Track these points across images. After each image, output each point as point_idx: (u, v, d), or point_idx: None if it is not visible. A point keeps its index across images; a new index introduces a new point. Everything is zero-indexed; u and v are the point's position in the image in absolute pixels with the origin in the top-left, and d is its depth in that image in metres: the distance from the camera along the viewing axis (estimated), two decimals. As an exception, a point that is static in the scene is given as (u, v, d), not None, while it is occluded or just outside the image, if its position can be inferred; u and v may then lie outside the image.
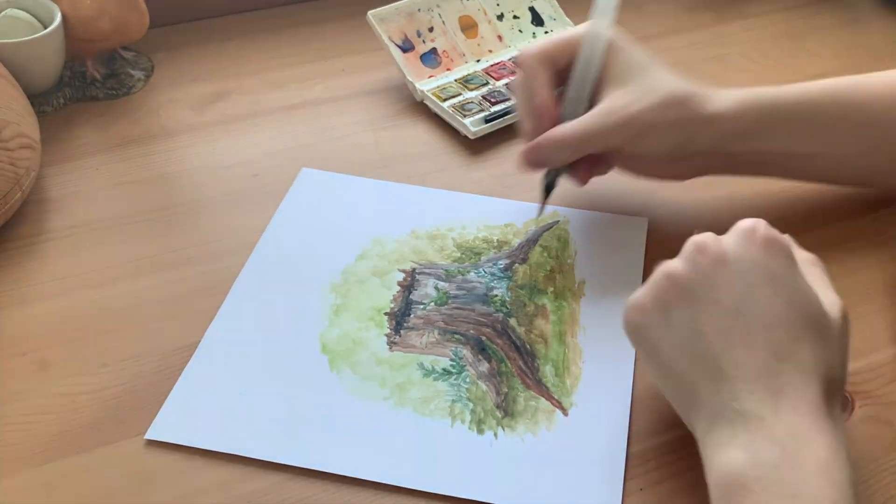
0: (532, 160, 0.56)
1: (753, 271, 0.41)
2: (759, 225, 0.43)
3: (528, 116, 0.57)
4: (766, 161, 0.57)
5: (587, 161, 0.57)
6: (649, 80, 0.55)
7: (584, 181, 0.58)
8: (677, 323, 0.42)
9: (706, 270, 0.42)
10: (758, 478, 0.37)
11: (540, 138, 0.55)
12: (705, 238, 0.43)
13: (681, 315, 0.42)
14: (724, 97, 0.56)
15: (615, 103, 0.55)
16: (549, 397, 0.50)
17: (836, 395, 0.41)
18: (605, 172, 0.59)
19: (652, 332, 0.44)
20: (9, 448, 0.47)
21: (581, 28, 0.57)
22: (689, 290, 0.42)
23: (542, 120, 0.56)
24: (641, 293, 0.45)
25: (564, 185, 0.66)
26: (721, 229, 0.63)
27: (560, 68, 0.57)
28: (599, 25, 0.55)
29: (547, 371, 0.51)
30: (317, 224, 0.61)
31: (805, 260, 0.46)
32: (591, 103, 0.56)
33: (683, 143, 0.56)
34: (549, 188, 0.59)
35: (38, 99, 0.70)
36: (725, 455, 0.39)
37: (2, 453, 0.47)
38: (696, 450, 0.48)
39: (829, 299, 0.44)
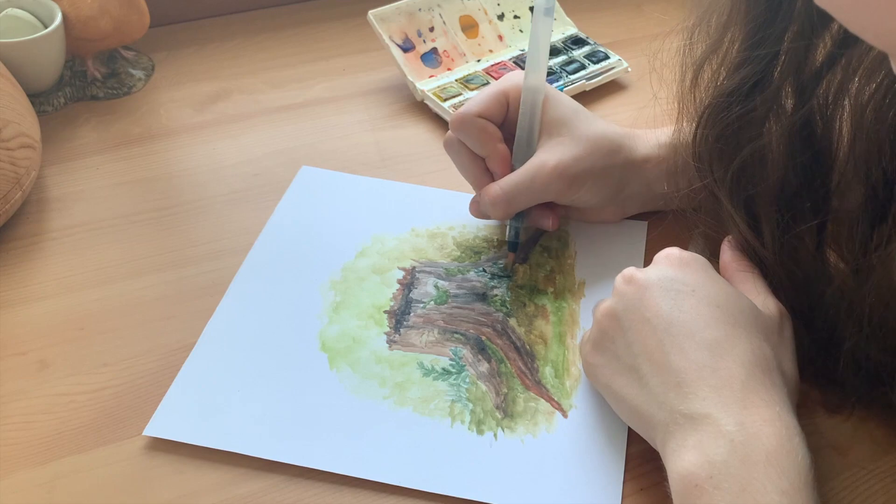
0: (476, 213, 0.58)
1: (675, 287, 0.44)
2: (674, 250, 0.46)
3: (475, 173, 0.57)
4: (696, 195, 0.55)
5: (541, 208, 0.58)
6: (580, 130, 0.56)
7: (550, 226, 0.58)
8: (620, 353, 0.45)
9: (634, 298, 0.44)
10: (709, 475, 0.38)
11: (483, 192, 0.56)
12: (631, 270, 0.46)
13: (620, 344, 0.45)
14: (651, 140, 0.57)
15: (546, 157, 0.55)
16: (549, 399, 0.50)
17: (784, 387, 0.42)
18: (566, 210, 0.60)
19: (604, 369, 0.46)
20: (9, 448, 0.47)
21: (507, 81, 0.57)
22: (623, 319, 0.45)
23: (497, 170, 0.56)
24: (587, 336, 0.48)
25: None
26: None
27: (499, 123, 0.57)
28: (537, 79, 0.55)
29: (547, 372, 0.51)
30: (316, 221, 0.61)
31: (737, 269, 0.49)
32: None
33: (616, 190, 0.57)
34: (513, 245, 0.58)
35: (39, 98, 0.70)
36: (679, 459, 0.40)
37: (2, 453, 0.47)
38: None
39: (764, 301, 0.46)
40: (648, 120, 0.55)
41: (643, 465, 0.46)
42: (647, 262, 0.58)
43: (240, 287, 0.56)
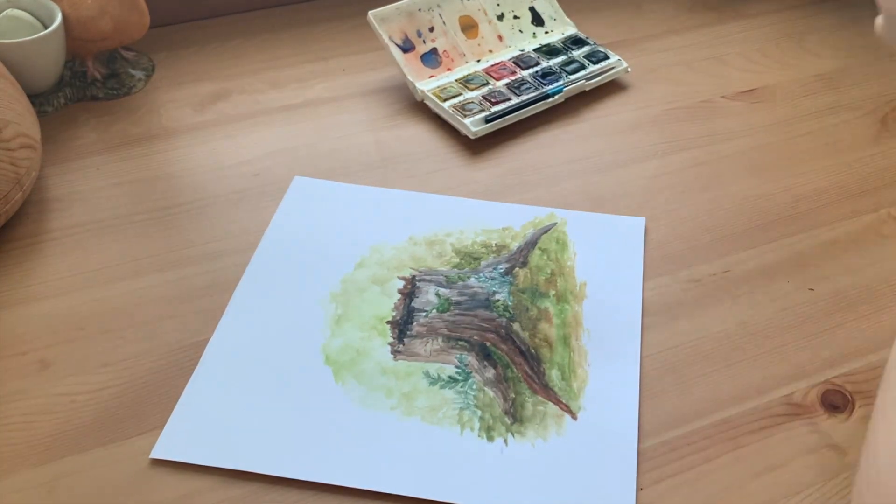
0: None
1: None
2: None
3: None
4: None
5: None
6: None
7: None
8: None
9: None
10: None
11: None
12: None
13: None
14: None
15: None
16: (558, 402, 0.49)
17: None
18: None
19: None
20: (9, 448, 0.47)
21: None
22: None
23: None
24: None
25: (563, 184, 0.66)
26: (716, 227, 0.63)
27: None
28: None
29: (553, 375, 0.51)
30: (312, 234, 0.60)
31: None
32: None
33: None
34: None
35: (39, 99, 0.70)
36: None
37: (2, 453, 0.47)
38: (701, 447, 0.49)
39: None
40: (649, 120, 0.55)
41: (654, 458, 0.47)
42: (647, 259, 0.58)
43: (239, 304, 0.55)
